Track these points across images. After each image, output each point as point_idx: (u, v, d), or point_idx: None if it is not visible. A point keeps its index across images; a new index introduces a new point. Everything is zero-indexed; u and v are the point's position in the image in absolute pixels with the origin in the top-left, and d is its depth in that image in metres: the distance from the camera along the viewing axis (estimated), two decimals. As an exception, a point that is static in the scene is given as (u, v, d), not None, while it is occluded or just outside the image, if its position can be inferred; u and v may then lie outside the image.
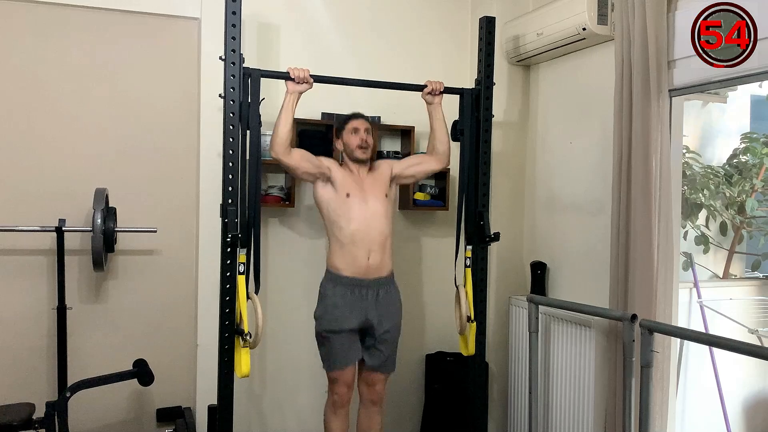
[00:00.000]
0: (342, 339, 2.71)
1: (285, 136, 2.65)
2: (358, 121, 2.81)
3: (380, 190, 2.79)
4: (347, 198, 2.71)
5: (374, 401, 2.84)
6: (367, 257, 2.70)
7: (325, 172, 2.73)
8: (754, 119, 4.20)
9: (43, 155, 2.91)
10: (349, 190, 2.73)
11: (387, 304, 2.77)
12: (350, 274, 2.70)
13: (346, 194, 2.72)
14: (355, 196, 2.72)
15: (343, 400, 2.76)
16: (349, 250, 2.70)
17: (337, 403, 2.77)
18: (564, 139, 3.28)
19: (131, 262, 3.07)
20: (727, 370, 3.36)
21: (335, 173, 2.74)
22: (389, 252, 2.80)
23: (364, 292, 2.71)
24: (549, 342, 3.06)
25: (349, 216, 2.70)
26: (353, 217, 2.70)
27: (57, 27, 2.92)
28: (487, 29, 3.02)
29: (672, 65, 2.55)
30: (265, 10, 3.15)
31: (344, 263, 2.71)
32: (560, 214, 3.31)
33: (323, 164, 2.74)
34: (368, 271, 2.71)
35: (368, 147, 2.79)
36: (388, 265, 2.80)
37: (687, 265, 3.44)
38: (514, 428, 3.35)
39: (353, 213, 2.70)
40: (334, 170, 2.74)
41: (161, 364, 2.92)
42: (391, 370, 2.85)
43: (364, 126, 2.80)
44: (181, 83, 3.10)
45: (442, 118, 2.92)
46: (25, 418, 2.45)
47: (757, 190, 3.74)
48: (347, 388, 2.76)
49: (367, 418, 2.87)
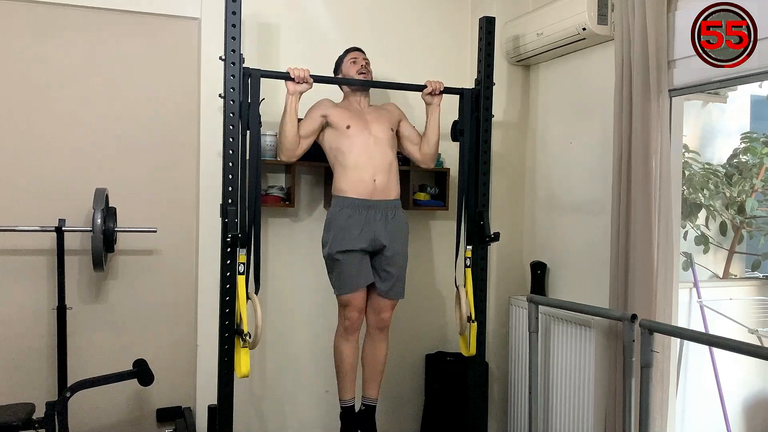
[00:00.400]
0: (352, 260, 2.68)
1: (293, 140, 2.68)
2: (356, 52, 2.90)
3: (384, 124, 2.83)
4: (347, 129, 2.74)
5: (381, 328, 2.84)
6: (372, 179, 2.71)
7: (322, 122, 2.78)
8: (754, 119, 4.20)
9: (43, 155, 2.91)
10: (349, 121, 2.76)
11: (395, 228, 2.76)
12: (356, 195, 2.69)
13: (346, 126, 2.75)
14: (355, 126, 2.75)
15: (354, 325, 2.75)
16: (353, 172, 2.71)
17: (349, 329, 2.76)
18: (564, 139, 3.28)
19: (131, 262, 3.07)
20: (727, 370, 3.36)
21: (332, 114, 2.78)
22: (395, 176, 2.80)
23: (372, 213, 2.70)
24: (549, 342, 3.06)
25: (350, 143, 2.73)
26: (355, 144, 2.73)
27: (57, 27, 2.91)
28: (487, 29, 3.02)
29: (672, 65, 2.55)
30: (265, 10, 3.15)
31: (349, 185, 2.71)
32: (560, 214, 3.31)
33: (317, 115, 2.78)
34: (374, 192, 2.71)
35: (369, 72, 2.87)
36: (395, 189, 2.79)
37: (687, 265, 3.44)
38: (514, 428, 3.35)
39: (355, 141, 2.73)
40: (330, 113, 2.78)
41: (161, 364, 2.93)
42: (399, 296, 2.83)
43: (362, 56, 2.89)
44: (181, 83, 3.10)
45: (437, 121, 2.94)
46: (25, 418, 2.45)
47: (757, 190, 3.74)
48: (358, 312, 2.75)
49: (373, 346, 2.87)
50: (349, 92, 2.90)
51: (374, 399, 2.89)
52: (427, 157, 2.97)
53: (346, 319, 2.76)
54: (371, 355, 2.88)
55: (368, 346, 2.88)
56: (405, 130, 2.98)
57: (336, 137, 2.76)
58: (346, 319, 2.76)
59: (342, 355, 2.80)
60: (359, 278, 2.71)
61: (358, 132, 2.74)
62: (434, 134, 2.94)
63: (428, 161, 2.99)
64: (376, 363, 2.88)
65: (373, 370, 2.88)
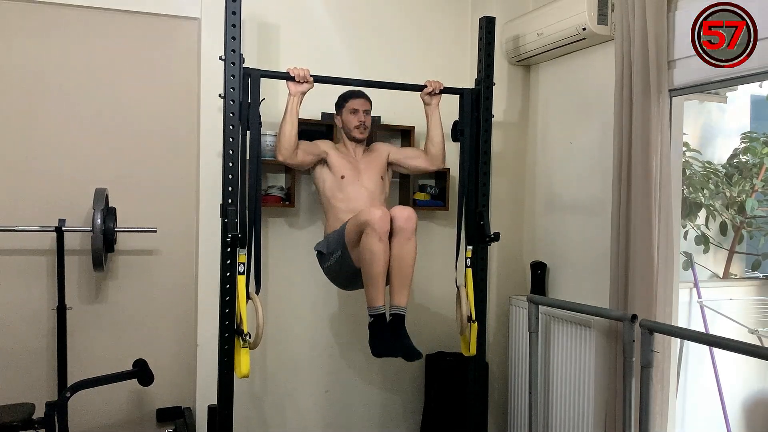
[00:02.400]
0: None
1: (291, 140, 2.69)
2: (358, 101, 2.89)
3: (375, 172, 2.89)
4: (342, 180, 2.81)
5: (406, 226, 2.56)
6: None
7: (322, 154, 2.84)
8: (754, 119, 4.20)
9: (43, 155, 2.91)
10: (344, 171, 2.83)
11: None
12: None
13: (341, 176, 2.81)
14: (349, 176, 2.82)
15: (384, 227, 2.48)
16: (345, 216, 2.74)
17: (378, 231, 2.47)
18: (564, 139, 3.28)
19: (131, 262, 3.07)
20: (727, 370, 3.36)
21: (331, 157, 2.85)
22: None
23: None
24: (549, 342, 3.06)
25: (343, 195, 2.81)
26: (348, 195, 2.80)
27: (57, 27, 2.92)
28: (487, 29, 3.02)
29: (672, 65, 2.55)
30: (265, 10, 3.15)
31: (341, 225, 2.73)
32: (560, 214, 3.31)
33: (320, 149, 2.85)
34: None
35: (366, 128, 2.88)
36: None
37: (687, 265, 3.44)
38: (514, 428, 3.35)
39: (348, 192, 2.80)
40: (330, 154, 2.85)
41: (161, 364, 2.93)
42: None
43: (363, 107, 2.89)
44: (181, 83, 3.10)
45: (438, 120, 2.94)
46: (25, 418, 2.45)
47: (757, 190, 3.74)
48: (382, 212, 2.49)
49: (400, 246, 2.57)
50: (347, 140, 2.93)
51: (404, 308, 2.59)
52: (436, 157, 2.97)
53: (372, 230, 2.47)
54: (399, 256, 2.56)
55: (395, 247, 2.56)
56: (398, 155, 3.00)
57: (330, 184, 2.83)
58: (372, 230, 2.47)
59: (373, 256, 2.49)
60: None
61: (350, 182, 2.82)
62: (438, 133, 2.94)
63: (438, 161, 2.99)
64: (404, 266, 2.58)
65: (401, 273, 2.58)
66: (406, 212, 2.58)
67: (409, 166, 3.02)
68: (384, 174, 2.92)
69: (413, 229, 2.59)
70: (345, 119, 2.90)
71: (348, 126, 2.89)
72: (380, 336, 2.56)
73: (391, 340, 2.54)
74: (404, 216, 2.56)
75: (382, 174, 2.91)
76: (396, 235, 2.56)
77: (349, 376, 3.38)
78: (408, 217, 2.57)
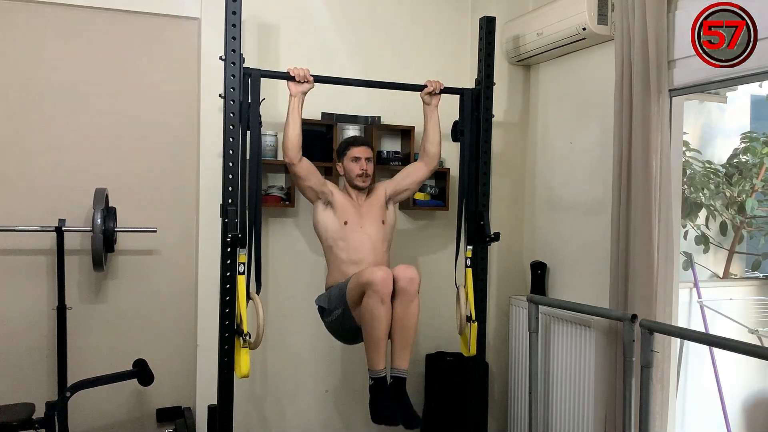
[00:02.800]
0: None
1: (295, 140, 2.67)
2: (360, 148, 2.84)
3: (377, 217, 2.85)
4: (345, 225, 2.77)
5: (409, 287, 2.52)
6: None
7: (327, 195, 2.78)
8: (754, 119, 4.20)
9: (43, 155, 2.91)
10: (347, 217, 2.78)
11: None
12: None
13: (344, 222, 2.77)
14: (352, 224, 2.78)
15: (386, 290, 2.44)
16: (348, 267, 2.73)
17: (382, 293, 2.43)
18: (564, 139, 3.28)
19: (131, 262, 3.07)
20: (727, 370, 3.36)
21: (336, 198, 2.80)
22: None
23: None
24: (549, 342, 3.06)
25: (346, 242, 2.76)
26: (350, 244, 2.76)
27: (57, 27, 2.91)
28: (487, 29, 3.02)
29: (672, 65, 2.55)
30: (265, 10, 3.15)
31: (344, 277, 2.73)
32: (560, 214, 3.31)
33: (327, 187, 2.80)
34: None
35: (369, 176, 2.83)
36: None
37: (687, 265, 3.44)
38: (514, 428, 3.35)
39: (350, 240, 2.76)
40: (335, 194, 2.81)
41: (161, 364, 2.93)
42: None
43: (365, 155, 2.83)
44: (181, 83, 3.10)
45: (437, 120, 2.93)
46: (25, 418, 2.45)
47: (757, 190, 3.74)
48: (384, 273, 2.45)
49: (403, 307, 2.53)
50: (349, 187, 2.88)
51: (405, 370, 2.53)
52: (435, 157, 2.95)
53: (374, 293, 2.43)
54: (401, 318, 2.52)
55: (398, 309, 2.52)
56: (393, 185, 2.93)
57: (332, 229, 2.78)
58: (374, 293, 2.43)
59: (375, 320, 2.46)
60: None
61: (353, 229, 2.77)
62: (437, 133, 2.93)
63: (435, 161, 2.97)
64: (406, 328, 2.53)
65: (403, 335, 2.53)
66: (409, 273, 2.53)
67: (409, 184, 2.96)
68: (385, 217, 2.86)
69: (416, 291, 2.55)
70: (347, 167, 2.84)
71: (350, 174, 2.83)
72: (381, 400, 2.52)
73: (391, 406, 2.50)
74: (407, 277, 2.51)
75: (383, 218, 2.86)
76: (398, 296, 2.52)
77: (349, 376, 3.38)
78: (411, 279, 2.52)
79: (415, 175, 2.96)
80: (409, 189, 2.99)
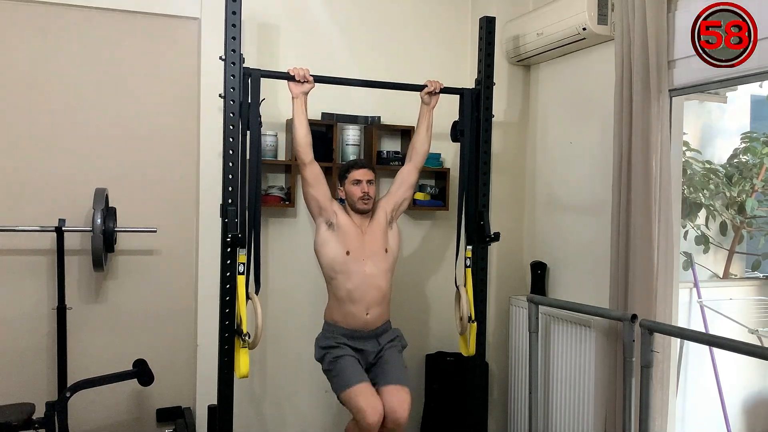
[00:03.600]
0: (352, 359, 2.66)
1: (303, 140, 2.64)
2: (360, 171, 2.76)
3: (380, 246, 2.76)
4: (347, 256, 2.69)
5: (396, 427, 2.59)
6: (365, 313, 2.70)
7: (331, 215, 2.72)
8: (754, 119, 4.20)
9: (43, 155, 2.91)
10: (350, 246, 2.70)
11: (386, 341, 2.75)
12: (347, 326, 2.71)
13: (346, 252, 2.69)
14: (354, 254, 2.69)
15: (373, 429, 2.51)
16: (347, 306, 2.70)
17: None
18: (564, 139, 3.28)
19: (131, 262, 3.07)
20: (727, 370, 3.36)
21: (341, 220, 2.72)
22: (387, 303, 2.79)
23: (363, 342, 2.72)
24: (549, 342, 3.06)
25: (347, 275, 2.68)
26: (351, 278, 2.68)
27: (57, 27, 2.92)
28: (487, 29, 3.02)
29: (672, 65, 2.55)
30: (265, 10, 3.15)
31: (341, 317, 2.72)
32: (560, 214, 3.31)
33: (333, 207, 2.74)
34: (366, 324, 2.71)
35: (370, 198, 2.75)
36: (386, 315, 2.79)
37: (687, 265, 3.44)
38: (514, 428, 3.35)
39: (352, 272, 2.68)
40: (340, 216, 2.73)
41: (161, 364, 2.93)
42: (404, 382, 2.67)
43: (366, 177, 2.75)
44: (181, 83, 3.10)
45: (431, 121, 2.91)
46: (25, 418, 2.45)
47: (757, 190, 3.74)
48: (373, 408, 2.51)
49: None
50: (352, 210, 2.78)
51: None
52: (423, 156, 2.91)
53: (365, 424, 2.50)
54: None
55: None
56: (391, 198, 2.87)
57: (333, 256, 2.70)
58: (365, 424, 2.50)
59: None
60: (362, 373, 2.64)
61: (355, 263, 2.68)
62: (429, 134, 2.90)
63: (423, 161, 2.93)
64: None
65: None
66: (400, 411, 2.56)
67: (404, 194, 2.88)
68: (388, 245, 2.79)
69: (404, 423, 2.60)
70: (348, 191, 2.75)
71: (352, 198, 2.74)
72: None
73: None
74: (395, 418, 2.55)
75: (386, 245, 2.77)
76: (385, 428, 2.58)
77: (349, 376, 3.38)
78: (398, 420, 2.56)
79: (409, 181, 2.90)
80: (406, 198, 2.91)
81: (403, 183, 2.90)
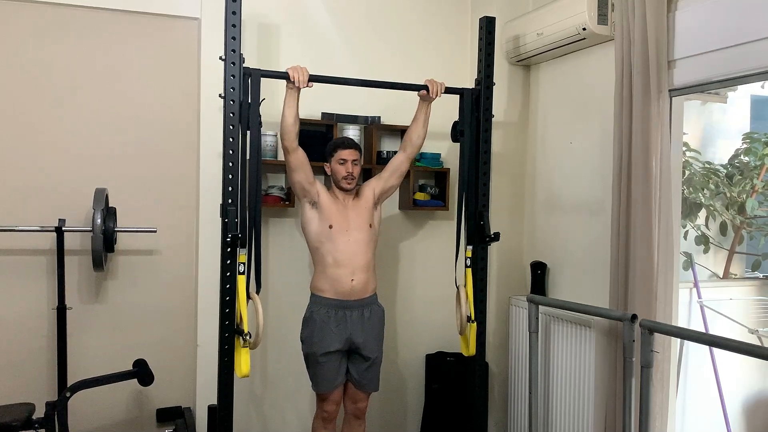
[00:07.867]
0: (330, 362, 2.77)
1: (292, 128, 2.65)
2: (347, 151, 2.81)
3: (364, 220, 2.83)
4: (330, 229, 2.76)
5: (357, 416, 2.94)
6: (350, 278, 2.76)
7: (314, 195, 2.77)
8: (755, 119, 4.20)
9: (43, 155, 2.91)
10: (333, 221, 2.77)
11: (371, 327, 2.83)
12: (333, 296, 2.76)
13: (329, 225, 2.76)
14: (337, 227, 2.77)
15: (332, 416, 2.86)
16: (332, 272, 2.76)
17: (326, 419, 2.86)
18: (564, 139, 3.28)
19: (131, 262, 3.07)
20: (727, 370, 3.36)
21: (322, 199, 2.78)
22: (373, 273, 2.86)
23: (348, 313, 2.77)
24: (549, 342, 3.06)
25: (331, 245, 2.76)
26: (336, 247, 2.76)
27: (57, 27, 2.92)
28: (487, 29, 3.02)
29: (672, 65, 2.55)
30: (265, 10, 3.15)
31: (327, 285, 2.76)
32: (560, 214, 3.31)
33: (315, 187, 2.78)
34: (351, 292, 2.76)
35: (354, 178, 2.82)
36: (371, 286, 2.85)
37: (687, 265, 3.44)
38: (514, 428, 3.35)
39: (336, 243, 2.76)
40: (322, 196, 2.79)
41: (161, 364, 2.93)
42: (374, 389, 2.93)
43: (351, 157, 2.80)
44: (181, 83, 3.10)
45: (428, 115, 2.92)
46: (25, 418, 2.45)
47: (757, 190, 3.74)
48: (335, 405, 2.85)
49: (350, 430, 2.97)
50: (336, 188, 2.85)
51: None
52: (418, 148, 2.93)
53: (323, 411, 2.84)
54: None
55: (346, 430, 2.97)
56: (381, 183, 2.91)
57: (317, 230, 2.78)
58: (323, 411, 2.84)
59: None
60: (337, 379, 2.81)
61: (339, 233, 2.76)
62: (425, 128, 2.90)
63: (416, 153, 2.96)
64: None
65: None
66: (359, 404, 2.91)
67: (395, 182, 2.93)
68: (372, 220, 2.86)
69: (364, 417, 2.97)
70: (334, 168, 2.82)
71: (336, 176, 2.81)
72: None
73: None
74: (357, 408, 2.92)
75: (371, 221, 2.85)
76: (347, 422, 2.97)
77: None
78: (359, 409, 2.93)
79: (401, 170, 2.94)
80: (394, 186, 2.97)
81: (395, 171, 2.94)
